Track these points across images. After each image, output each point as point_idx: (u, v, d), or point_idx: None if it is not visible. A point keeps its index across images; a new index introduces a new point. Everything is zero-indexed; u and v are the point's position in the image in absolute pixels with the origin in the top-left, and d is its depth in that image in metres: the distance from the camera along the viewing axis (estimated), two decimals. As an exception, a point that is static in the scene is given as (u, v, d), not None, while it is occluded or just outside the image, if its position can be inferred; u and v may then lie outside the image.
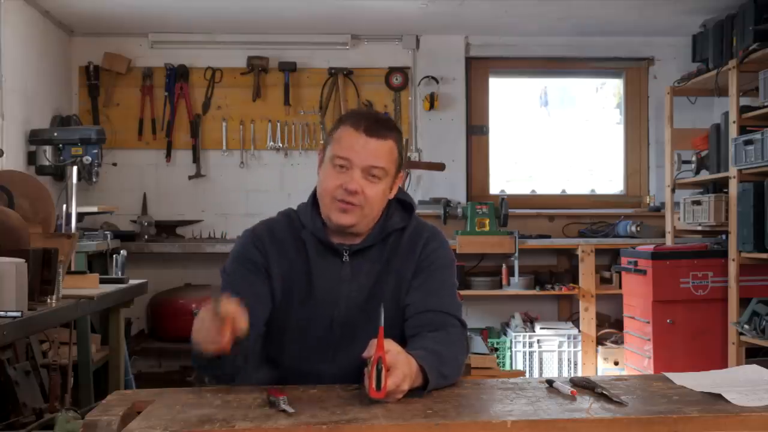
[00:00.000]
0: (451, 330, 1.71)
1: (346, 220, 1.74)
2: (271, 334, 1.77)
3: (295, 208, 1.88)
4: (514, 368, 4.77)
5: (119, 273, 3.71)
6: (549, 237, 5.16)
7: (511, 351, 4.87)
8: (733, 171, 4.02)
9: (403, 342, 1.60)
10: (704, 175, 4.49)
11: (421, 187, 5.30)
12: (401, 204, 1.87)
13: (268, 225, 1.84)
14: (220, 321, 1.47)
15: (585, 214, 5.34)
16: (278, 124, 5.26)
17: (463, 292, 4.06)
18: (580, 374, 4.35)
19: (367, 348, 1.46)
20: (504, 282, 4.95)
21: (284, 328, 1.77)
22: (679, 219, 4.65)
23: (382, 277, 1.78)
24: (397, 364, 1.44)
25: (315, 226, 1.79)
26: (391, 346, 1.46)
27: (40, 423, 2.64)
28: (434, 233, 1.85)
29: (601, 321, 5.08)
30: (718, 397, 1.45)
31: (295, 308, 1.77)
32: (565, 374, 4.82)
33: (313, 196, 1.84)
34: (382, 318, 1.45)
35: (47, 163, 4.42)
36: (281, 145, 5.28)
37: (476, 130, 5.48)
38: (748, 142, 3.82)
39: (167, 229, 5.13)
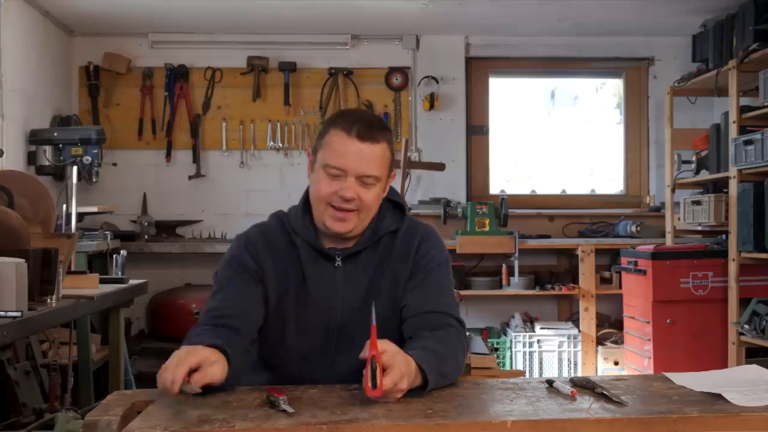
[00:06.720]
0: (450, 329, 1.70)
1: (342, 228, 1.73)
2: (268, 340, 1.76)
3: (286, 210, 1.85)
4: (514, 368, 4.76)
5: (119, 273, 3.71)
6: (549, 237, 5.16)
7: (511, 351, 4.87)
8: (733, 171, 4.01)
9: (401, 343, 1.58)
10: (704, 175, 4.49)
11: (421, 187, 5.30)
12: (392, 204, 1.85)
13: (261, 230, 1.82)
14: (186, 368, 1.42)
15: (585, 214, 5.34)
16: (278, 124, 5.26)
17: (463, 292, 4.06)
18: (580, 374, 4.35)
19: (363, 349, 1.45)
20: (504, 282, 4.95)
21: (281, 334, 1.76)
22: (679, 219, 4.65)
23: (377, 279, 1.77)
24: (395, 363, 1.43)
25: (307, 232, 1.78)
26: (387, 346, 1.46)
27: (40, 423, 2.63)
28: (427, 233, 1.84)
29: (601, 321, 5.08)
30: (718, 397, 1.45)
31: (291, 314, 1.76)
32: (565, 374, 4.82)
33: (305, 200, 1.82)
34: (374, 317, 1.44)
35: (47, 163, 4.42)
36: (281, 145, 5.28)
37: (476, 130, 5.48)
38: (748, 142, 3.82)
39: (167, 229, 5.14)
